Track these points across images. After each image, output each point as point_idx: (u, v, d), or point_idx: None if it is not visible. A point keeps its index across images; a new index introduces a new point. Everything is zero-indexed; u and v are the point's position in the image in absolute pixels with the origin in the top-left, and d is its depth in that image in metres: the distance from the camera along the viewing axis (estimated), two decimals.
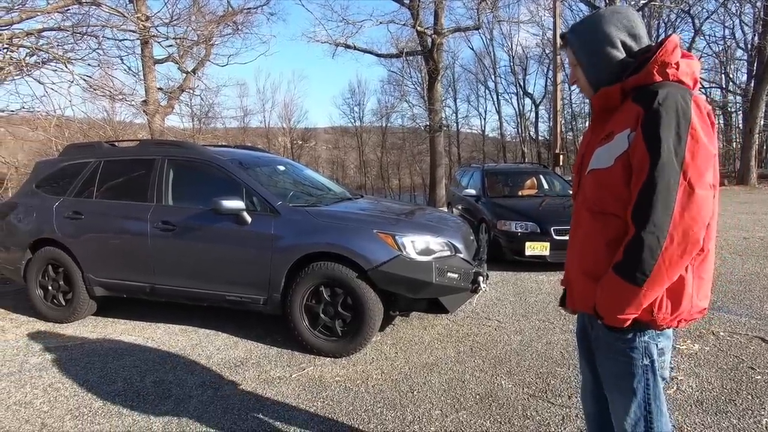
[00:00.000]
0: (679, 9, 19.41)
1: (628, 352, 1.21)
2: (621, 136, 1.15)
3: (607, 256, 1.18)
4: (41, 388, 2.71)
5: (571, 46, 1.31)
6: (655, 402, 1.23)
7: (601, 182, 1.21)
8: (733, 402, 2.35)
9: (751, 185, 16.28)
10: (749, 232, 7.15)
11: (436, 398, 2.49)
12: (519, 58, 31.19)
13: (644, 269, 1.07)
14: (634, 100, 1.16)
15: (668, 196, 1.05)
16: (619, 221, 1.18)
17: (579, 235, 1.31)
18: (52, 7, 9.20)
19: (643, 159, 1.09)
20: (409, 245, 2.99)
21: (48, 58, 8.46)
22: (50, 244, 3.84)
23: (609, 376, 1.30)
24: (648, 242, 1.06)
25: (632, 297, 1.10)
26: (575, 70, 1.33)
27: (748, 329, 3.31)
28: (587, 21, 1.29)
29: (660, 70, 1.14)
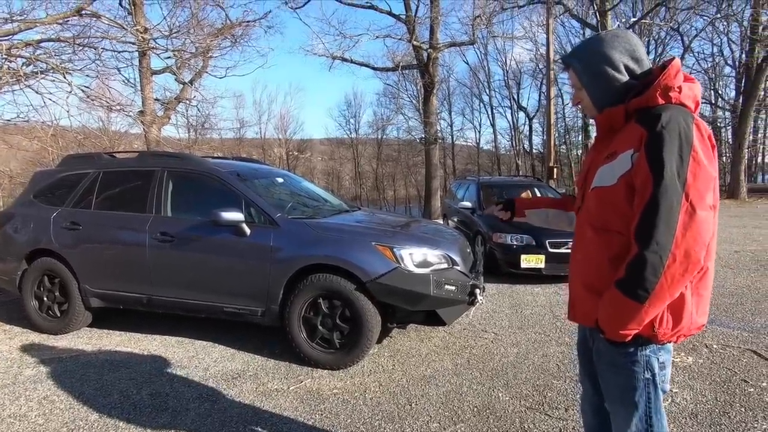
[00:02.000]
0: (669, 27, 19.89)
1: (630, 366, 1.23)
2: (624, 156, 1.18)
3: (610, 272, 1.20)
4: (36, 401, 2.68)
5: (575, 70, 1.33)
6: (656, 415, 1.25)
7: (604, 200, 1.24)
8: (727, 414, 2.38)
9: (742, 199, 16.53)
10: (740, 246, 7.26)
11: (434, 411, 2.50)
12: (513, 73, 31.67)
13: (646, 286, 1.10)
14: (637, 121, 1.19)
15: (671, 217, 1.08)
16: (622, 238, 1.20)
17: (581, 250, 1.34)
18: (52, 18, 9.27)
19: (646, 179, 1.12)
20: (407, 257, 3.02)
21: (46, 68, 8.51)
22: (47, 254, 3.82)
23: (611, 389, 1.32)
24: (651, 260, 1.08)
25: (634, 313, 1.13)
26: (579, 93, 1.36)
27: (741, 342, 3.36)
28: (589, 45, 1.31)
29: (663, 93, 1.18)
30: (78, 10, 9.76)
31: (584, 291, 1.30)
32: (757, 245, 7.26)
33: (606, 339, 1.23)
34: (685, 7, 16.93)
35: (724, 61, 23.97)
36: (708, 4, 16.13)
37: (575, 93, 1.39)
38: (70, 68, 8.53)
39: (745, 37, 18.21)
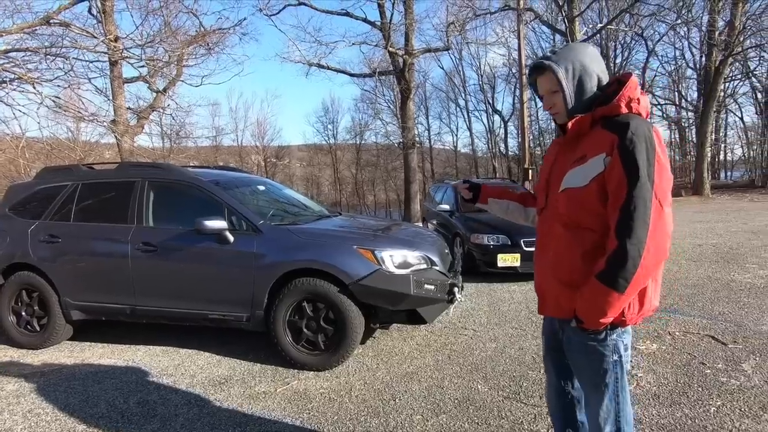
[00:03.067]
0: (633, 32, 20.77)
1: (601, 350, 1.35)
2: (596, 160, 1.29)
3: (583, 266, 1.32)
4: (20, 414, 2.68)
5: (555, 74, 1.37)
6: (623, 393, 1.40)
7: (576, 200, 1.34)
8: (686, 394, 2.59)
9: (705, 195, 17.34)
10: (703, 240, 7.67)
11: (417, 404, 2.62)
12: (487, 77, 32.36)
13: (627, 277, 1.21)
14: (605, 128, 1.31)
15: (646, 213, 1.20)
16: (593, 234, 1.32)
17: (551, 246, 1.43)
18: (18, 27, 9.09)
19: (621, 180, 1.23)
20: (388, 259, 3.14)
21: (12, 78, 8.31)
22: (24, 268, 3.78)
23: (584, 374, 1.44)
24: (631, 253, 1.20)
25: (615, 302, 1.24)
26: (553, 97, 1.41)
27: (700, 329, 3.61)
28: (571, 53, 1.38)
29: (627, 103, 1.31)
30: (46, 19, 9.59)
31: (558, 285, 1.40)
32: (719, 239, 7.68)
33: (579, 328, 1.34)
34: (648, 14, 17.74)
35: (686, 64, 25.18)
36: (668, 11, 16.93)
37: (548, 98, 1.43)
38: (40, 78, 8.36)
39: (704, 42, 19.16)
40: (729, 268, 5.56)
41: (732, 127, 30.30)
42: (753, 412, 2.36)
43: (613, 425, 1.39)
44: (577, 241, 1.35)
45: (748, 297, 4.36)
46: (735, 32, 16.10)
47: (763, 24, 16.34)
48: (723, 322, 3.73)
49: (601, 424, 1.40)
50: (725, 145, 30.54)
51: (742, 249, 6.66)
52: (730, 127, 30.18)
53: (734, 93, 25.63)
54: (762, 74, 21.74)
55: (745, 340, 3.30)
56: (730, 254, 6.34)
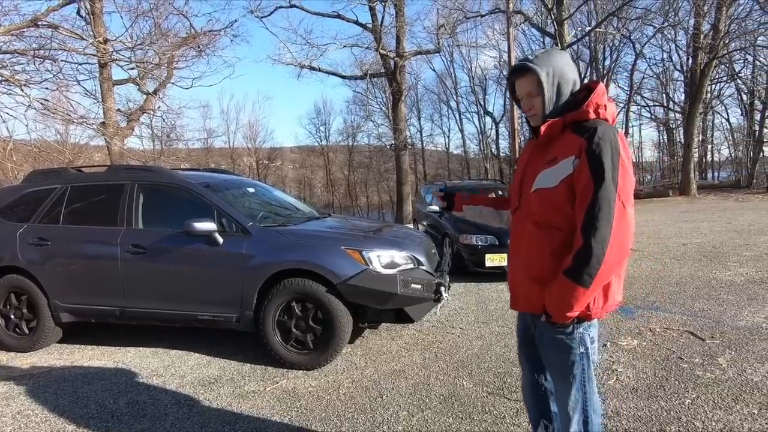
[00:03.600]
0: (621, 35, 21.09)
1: (568, 343, 1.42)
2: (566, 162, 1.35)
3: (551, 263, 1.39)
4: (10, 416, 2.69)
5: (538, 76, 1.41)
6: (589, 383, 1.47)
7: (546, 200, 1.40)
8: (663, 388, 2.67)
9: (692, 195, 17.62)
10: (687, 239, 7.83)
11: (404, 401, 2.68)
12: (478, 79, 32.58)
13: (591, 273, 1.28)
14: (574, 132, 1.38)
15: (609, 213, 1.27)
16: (561, 233, 1.38)
17: (523, 245, 1.49)
18: (5, 29, 9.02)
19: (587, 182, 1.30)
20: (375, 259, 3.20)
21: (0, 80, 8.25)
22: (13, 271, 3.79)
23: (553, 366, 1.52)
24: (596, 251, 1.27)
25: (580, 296, 1.31)
26: (532, 99, 1.45)
27: (680, 325, 3.71)
28: (549, 57, 1.43)
29: (594, 109, 1.38)
30: (34, 21, 9.52)
31: (528, 281, 1.46)
32: (703, 238, 7.84)
33: (548, 322, 1.42)
34: (635, 17, 18.03)
35: (673, 66, 25.53)
36: (656, 15, 17.22)
37: (527, 100, 1.47)
38: (28, 81, 8.32)
39: (690, 44, 19.50)
40: (711, 266, 5.70)
41: (718, 128, 30.85)
42: (726, 403, 2.45)
43: (581, 414, 1.47)
44: (547, 240, 1.42)
45: (728, 294, 4.48)
46: (719, 35, 16.40)
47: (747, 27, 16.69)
48: (702, 318, 3.84)
49: (570, 413, 1.47)
50: (712, 145, 31.05)
51: (724, 248, 6.81)
52: (716, 128, 30.73)
53: (720, 95, 26.11)
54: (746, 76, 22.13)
55: (723, 336, 3.41)
56: (713, 253, 6.48)
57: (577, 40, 18.99)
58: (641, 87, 26.46)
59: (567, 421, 1.49)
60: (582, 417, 1.47)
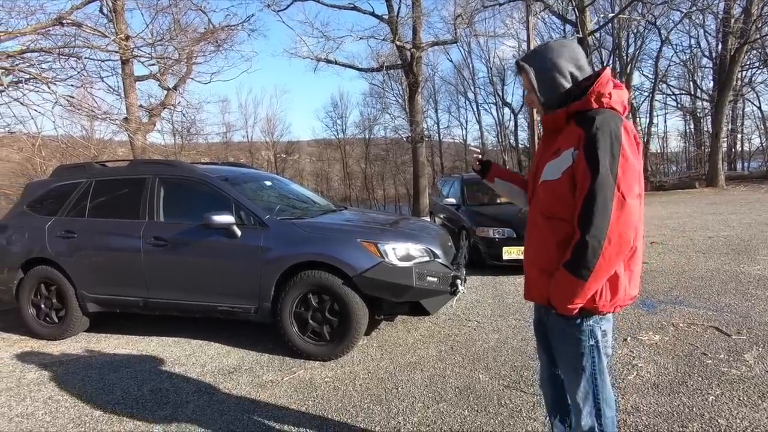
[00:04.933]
0: (646, 21, 20.36)
1: (578, 336, 1.43)
2: (567, 153, 1.36)
3: (557, 255, 1.39)
4: (41, 401, 2.82)
5: (527, 74, 1.46)
6: (600, 376, 1.46)
7: (552, 191, 1.41)
8: (685, 384, 2.61)
9: (720, 187, 17.03)
10: (714, 232, 7.57)
11: (419, 393, 2.69)
12: (497, 69, 32.01)
13: (588, 266, 1.28)
14: (576, 123, 1.37)
15: (606, 206, 1.26)
16: (567, 224, 1.38)
17: (534, 236, 1.51)
18: (32, 28, 9.28)
19: (585, 174, 1.29)
20: (391, 252, 3.21)
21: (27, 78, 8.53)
22: (42, 263, 3.94)
23: (563, 358, 1.52)
24: (591, 244, 1.26)
25: (579, 289, 1.32)
26: (531, 95, 1.50)
27: (705, 320, 3.61)
28: (540, 52, 1.47)
29: (597, 98, 1.36)
30: (59, 19, 9.77)
31: (538, 273, 1.47)
32: (731, 231, 7.58)
33: (557, 314, 1.43)
34: (661, 2, 17.38)
35: (701, 52, 24.56)
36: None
37: (527, 95, 1.53)
38: (54, 78, 8.56)
39: (720, 29, 18.72)
40: (739, 259, 5.51)
41: (749, 117, 29.59)
42: (752, 401, 2.38)
43: (592, 406, 1.47)
44: (553, 231, 1.42)
45: (757, 289, 4.33)
46: (752, 19, 15.70)
47: None
48: (729, 313, 3.72)
49: (580, 404, 1.47)
50: (742, 135, 29.85)
51: (754, 241, 6.57)
52: (747, 116, 29.49)
53: (752, 81, 25.00)
54: None
55: (750, 331, 3.30)
56: (742, 246, 6.26)
57: (599, 27, 18.45)
58: (667, 75, 25.58)
59: (578, 411, 1.49)
60: (593, 409, 1.47)
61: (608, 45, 24.54)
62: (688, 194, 15.76)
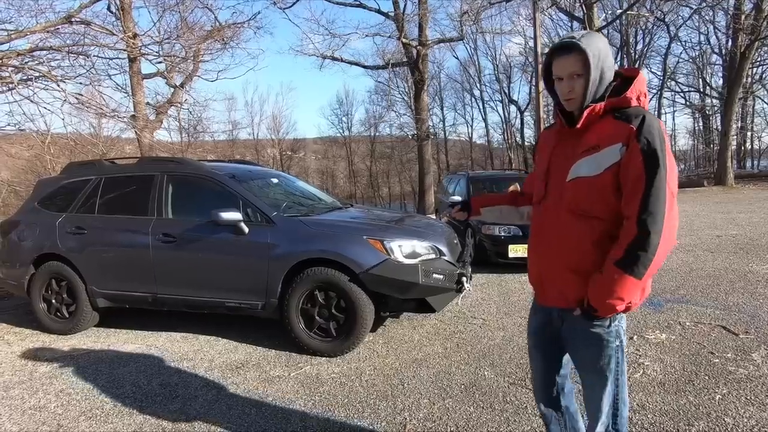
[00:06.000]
0: (655, 17, 20.15)
1: (606, 337, 1.38)
2: (612, 149, 1.30)
3: (595, 254, 1.34)
4: (53, 394, 2.87)
5: (586, 56, 1.31)
6: (622, 377, 1.44)
7: (588, 188, 1.34)
8: (692, 382, 2.61)
9: (729, 185, 16.85)
10: (722, 231, 7.52)
11: (425, 389, 2.71)
12: (503, 67, 31.90)
13: (646, 263, 1.24)
14: (618, 118, 1.32)
15: (663, 203, 1.24)
16: (603, 222, 1.34)
17: (555, 236, 1.43)
18: (42, 26, 9.37)
19: (639, 171, 1.25)
20: (397, 249, 3.22)
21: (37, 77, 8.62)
22: (53, 258, 3.99)
23: (587, 361, 1.45)
24: (653, 241, 1.23)
25: (633, 288, 1.27)
26: (574, 81, 1.35)
27: (712, 319, 3.59)
28: (598, 40, 1.35)
29: (637, 97, 1.35)
30: (68, 18, 9.85)
31: (565, 274, 1.41)
32: (739, 229, 7.52)
33: (592, 315, 1.34)
34: None
35: (711, 49, 24.32)
36: None
37: (568, 81, 1.36)
38: (63, 76, 8.65)
39: (730, 25, 18.49)
40: (747, 258, 5.47)
41: (759, 114, 29.26)
42: (759, 400, 2.38)
43: (611, 407, 1.45)
44: (589, 230, 1.36)
45: (765, 288, 4.30)
46: (763, 15, 15.47)
47: None
48: (736, 312, 3.70)
49: (603, 407, 1.44)
50: (752, 133, 29.52)
51: (762, 240, 6.51)
52: (757, 114, 29.17)
53: (762, 78, 24.70)
54: None
55: (758, 331, 3.28)
56: (750, 245, 6.21)
57: (607, 24, 18.27)
58: (675, 72, 25.35)
59: (598, 413, 1.46)
60: (612, 410, 1.45)
61: (616, 42, 24.35)
62: (697, 192, 15.61)
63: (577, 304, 1.39)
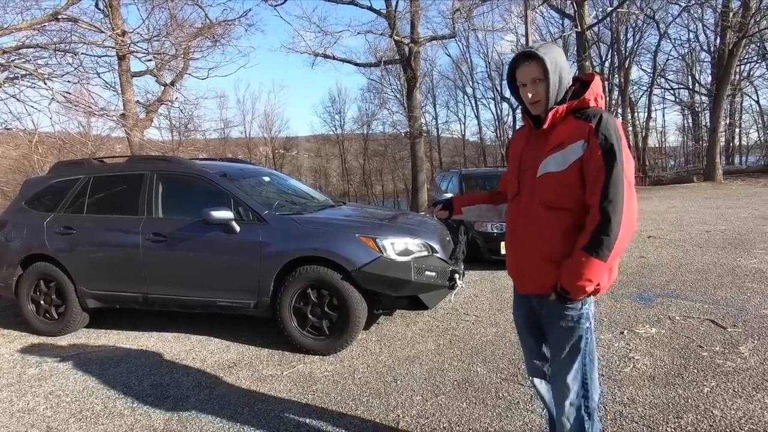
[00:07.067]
0: (645, 15, 20.30)
1: (577, 319, 1.51)
2: (575, 146, 1.43)
3: (564, 242, 1.46)
4: (42, 396, 2.83)
5: (544, 64, 1.44)
6: (590, 357, 1.55)
7: (557, 183, 1.47)
8: (681, 376, 2.64)
9: (718, 181, 17.07)
10: (711, 226, 7.61)
11: (418, 386, 2.71)
12: (495, 64, 31.91)
13: (610, 246, 1.37)
14: (578, 118, 1.46)
15: (622, 191, 1.37)
16: (570, 214, 1.46)
17: (532, 228, 1.54)
18: (27, 23, 9.22)
19: (599, 164, 1.38)
20: (389, 247, 3.22)
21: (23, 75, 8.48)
22: (41, 259, 3.94)
23: (560, 341, 1.56)
24: (614, 226, 1.36)
25: (599, 270, 1.39)
26: (537, 86, 1.48)
27: (701, 313, 3.64)
28: (555, 48, 1.51)
29: (595, 98, 1.49)
30: (54, 15, 9.70)
31: (539, 263, 1.52)
32: (728, 225, 7.62)
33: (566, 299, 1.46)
34: None
35: (699, 46, 24.51)
36: None
37: (531, 86, 1.50)
38: (50, 74, 8.52)
39: (719, 23, 18.68)
40: (736, 253, 5.54)
41: (747, 111, 29.63)
42: (746, 392, 2.41)
43: (580, 386, 1.55)
44: (559, 221, 1.48)
45: (753, 282, 4.36)
46: (750, 13, 15.66)
47: None
48: (725, 306, 3.75)
49: (570, 384, 1.54)
50: (740, 129, 29.89)
51: (750, 235, 6.61)
52: (745, 110, 29.53)
53: (750, 75, 25.02)
54: None
55: (745, 324, 3.33)
56: (738, 240, 6.30)
57: (598, 21, 18.39)
58: (665, 69, 25.54)
59: (565, 391, 1.54)
60: (581, 389, 1.54)
61: (606, 39, 24.49)
62: (686, 188, 15.80)
63: (552, 290, 1.50)
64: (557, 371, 1.58)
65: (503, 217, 1.89)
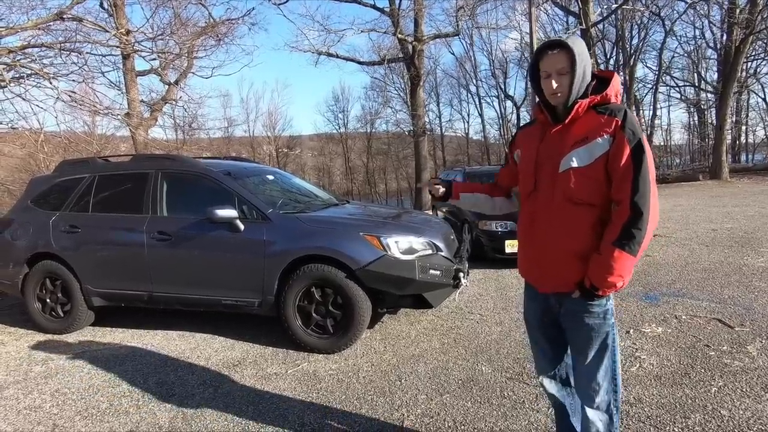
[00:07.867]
0: (650, 12, 20.14)
1: (603, 315, 1.50)
2: (601, 140, 1.42)
3: (592, 237, 1.45)
4: (49, 394, 2.85)
5: (571, 55, 1.43)
6: (617, 354, 1.55)
7: (582, 177, 1.44)
8: (688, 375, 2.62)
9: (724, 179, 16.93)
10: (717, 224, 7.55)
11: (422, 385, 2.71)
12: (499, 62, 31.82)
13: (639, 241, 1.36)
14: (601, 113, 1.45)
15: (650, 186, 1.37)
16: (596, 209, 1.45)
17: (558, 223, 1.49)
18: (33, 23, 9.26)
19: (627, 158, 1.38)
20: (394, 245, 3.21)
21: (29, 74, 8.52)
22: (47, 257, 3.96)
23: (584, 340, 1.53)
24: (644, 220, 1.35)
25: (630, 264, 1.39)
26: (561, 79, 1.45)
27: (708, 312, 3.61)
28: (580, 40, 1.50)
29: (615, 94, 1.50)
30: (59, 14, 9.74)
31: (565, 258, 1.49)
32: (734, 223, 7.55)
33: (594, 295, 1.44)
34: None
35: (706, 43, 24.34)
36: None
37: (556, 77, 1.46)
38: (55, 73, 8.56)
39: (725, 19, 18.50)
40: (742, 252, 5.50)
41: (754, 108, 29.39)
42: (754, 392, 2.39)
43: (610, 382, 1.54)
44: (586, 215, 1.46)
45: (760, 281, 4.32)
46: (757, 9, 15.50)
47: None
48: (732, 305, 3.72)
49: (600, 382, 1.53)
50: (746, 127, 29.64)
51: (757, 233, 6.55)
52: (752, 108, 29.27)
53: (757, 72, 24.79)
54: None
55: (753, 324, 3.30)
56: (745, 238, 6.24)
57: (603, 19, 18.23)
58: (671, 66, 25.39)
59: (596, 388, 1.53)
60: (611, 386, 1.54)
61: (612, 36, 24.33)
62: (692, 186, 15.69)
63: (575, 286, 1.48)
64: (585, 370, 1.55)
65: (496, 210, 1.89)
